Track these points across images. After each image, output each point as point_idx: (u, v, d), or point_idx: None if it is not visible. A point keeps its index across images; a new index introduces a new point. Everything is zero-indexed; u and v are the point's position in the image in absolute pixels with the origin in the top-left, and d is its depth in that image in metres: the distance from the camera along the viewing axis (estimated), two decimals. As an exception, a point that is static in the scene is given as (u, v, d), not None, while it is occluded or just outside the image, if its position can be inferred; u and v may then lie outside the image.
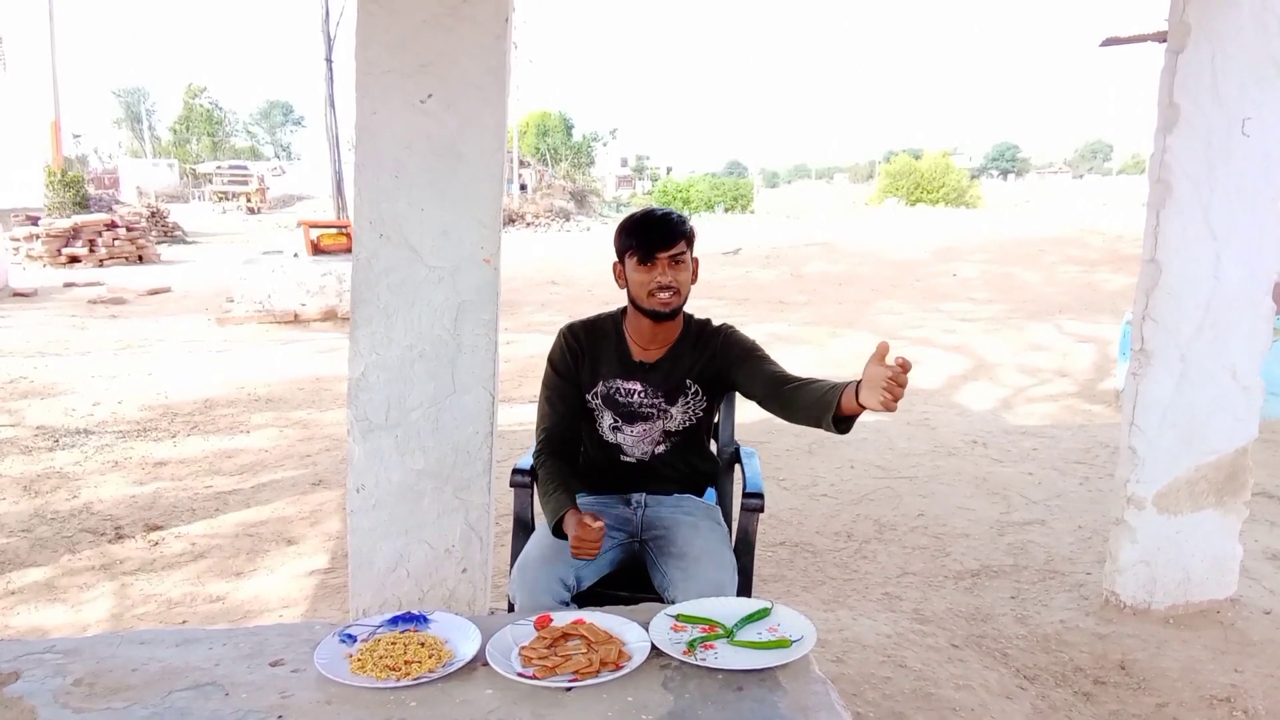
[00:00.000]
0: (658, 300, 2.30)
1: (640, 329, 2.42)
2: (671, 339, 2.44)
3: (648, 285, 2.30)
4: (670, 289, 2.29)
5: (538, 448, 2.46)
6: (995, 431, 6.11)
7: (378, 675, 1.62)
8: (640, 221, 2.34)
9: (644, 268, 2.30)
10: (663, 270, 2.29)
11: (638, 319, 2.40)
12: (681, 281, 2.32)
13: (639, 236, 2.30)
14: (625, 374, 2.43)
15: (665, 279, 2.29)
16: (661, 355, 2.43)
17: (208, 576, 3.81)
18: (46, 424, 6.16)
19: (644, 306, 2.34)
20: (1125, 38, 7.35)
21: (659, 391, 2.42)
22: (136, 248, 18.16)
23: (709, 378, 2.44)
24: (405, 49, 2.38)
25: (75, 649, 1.74)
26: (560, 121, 47.05)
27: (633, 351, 2.44)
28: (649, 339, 2.42)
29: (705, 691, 1.59)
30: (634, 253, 2.30)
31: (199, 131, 51.52)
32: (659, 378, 2.42)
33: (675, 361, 2.43)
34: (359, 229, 2.47)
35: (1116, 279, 13.83)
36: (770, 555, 3.98)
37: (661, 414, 2.42)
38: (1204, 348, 3.22)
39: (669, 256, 2.28)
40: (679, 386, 2.43)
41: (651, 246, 2.28)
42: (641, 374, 2.43)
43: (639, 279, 2.32)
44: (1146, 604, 3.37)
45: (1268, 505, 4.50)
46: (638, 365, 2.43)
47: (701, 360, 2.43)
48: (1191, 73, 3.06)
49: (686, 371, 2.43)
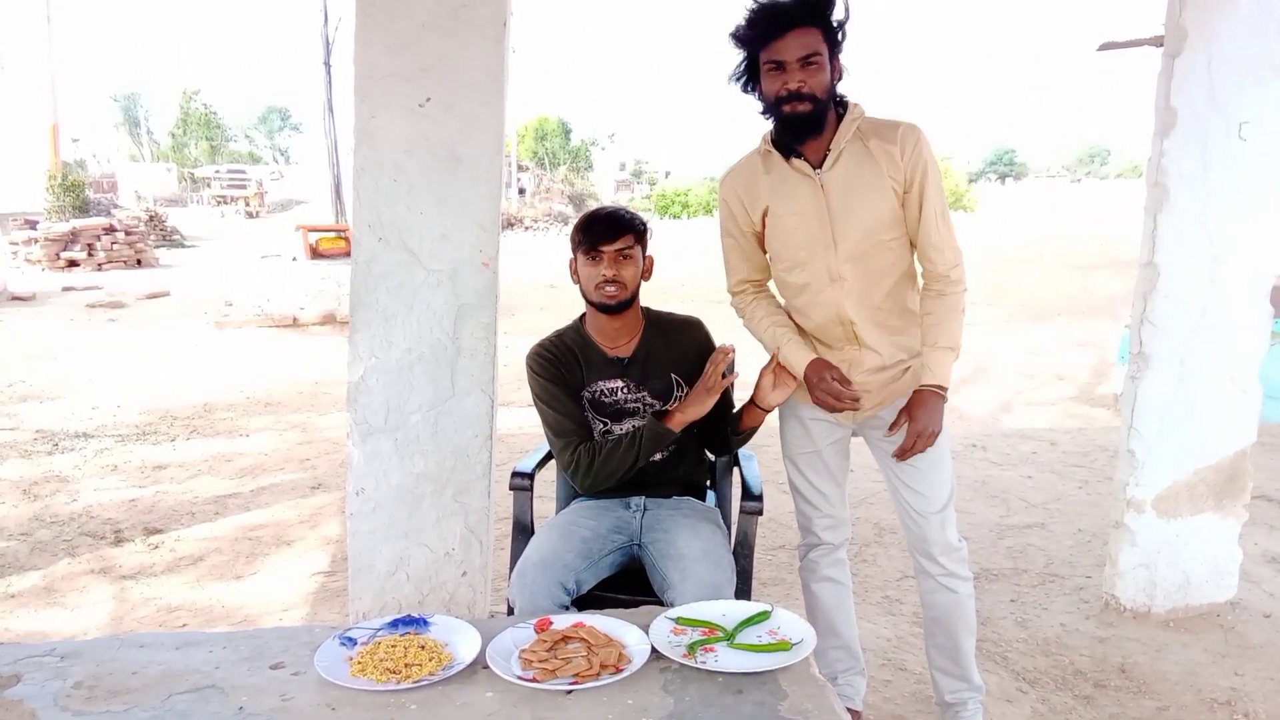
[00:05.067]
0: (603, 294, 2.34)
1: (601, 327, 2.45)
2: (637, 331, 2.47)
3: (594, 279, 2.34)
4: (615, 283, 2.33)
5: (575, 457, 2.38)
6: (994, 435, 6.12)
7: (378, 678, 1.62)
8: (589, 218, 2.39)
9: (590, 261, 2.35)
10: (608, 264, 2.32)
11: (595, 316, 2.44)
12: (627, 277, 2.34)
13: (586, 231, 2.35)
14: (604, 374, 2.44)
15: (609, 272, 2.32)
16: (633, 348, 2.46)
17: (207, 580, 3.81)
18: (46, 428, 6.16)
19: (591, 299, 2.39)
20: (1122, 42, 7.35)
21: (640, 386, 2.44)
22: (135, 252, 18.17)
23: (694, 378, 2.44)
24: (404, 52, 2.39)
25: (75, 652, 1.74)
26: (559, 126, 47.08)
27: (604, 350, 2.46)
28: (613, 335, 2.45)
29: (705, 694, 1.58)
30: (582, 247, 2.35)
31: (197, 136, 51.51)
32: (637, 370, 2.44)
33: (649, 352, 2.45)
34: (358, 232, 2.47)
35: (1114, 283, 13.85)
36: (770, 559, 3.98)
37: (649, 409, 2.43)
38: (1202, 351, 3.22)
39: (615, 251, 2.32)
40: (668, 386, 2.44)
41: (596, 240, 2.32)
42: (620, 370, 2.44)
43: (586, 273, 2.37)
44: (1146, 607, 3.37)
45: (1267, 509, 4.50)
46: (614, 361, 2.45)
47: (682, 356, 2.47)
48: (1188, 77, 3.06)
49: (668, 366, 2.45)
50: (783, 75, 2.10)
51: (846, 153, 2.21)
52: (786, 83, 2.09)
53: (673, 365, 2.46)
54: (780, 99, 2.12)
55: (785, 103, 2.11)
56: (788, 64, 2.09)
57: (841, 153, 2.20)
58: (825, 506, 2.56)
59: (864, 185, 2.20)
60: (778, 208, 2.29)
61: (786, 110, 2.12)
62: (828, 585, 2.61)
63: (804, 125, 2.15)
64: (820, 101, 2.12)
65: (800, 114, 2.11)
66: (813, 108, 2.11)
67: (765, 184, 2.30)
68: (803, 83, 2.08)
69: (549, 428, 2.45)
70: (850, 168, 2.21)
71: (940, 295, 2.30)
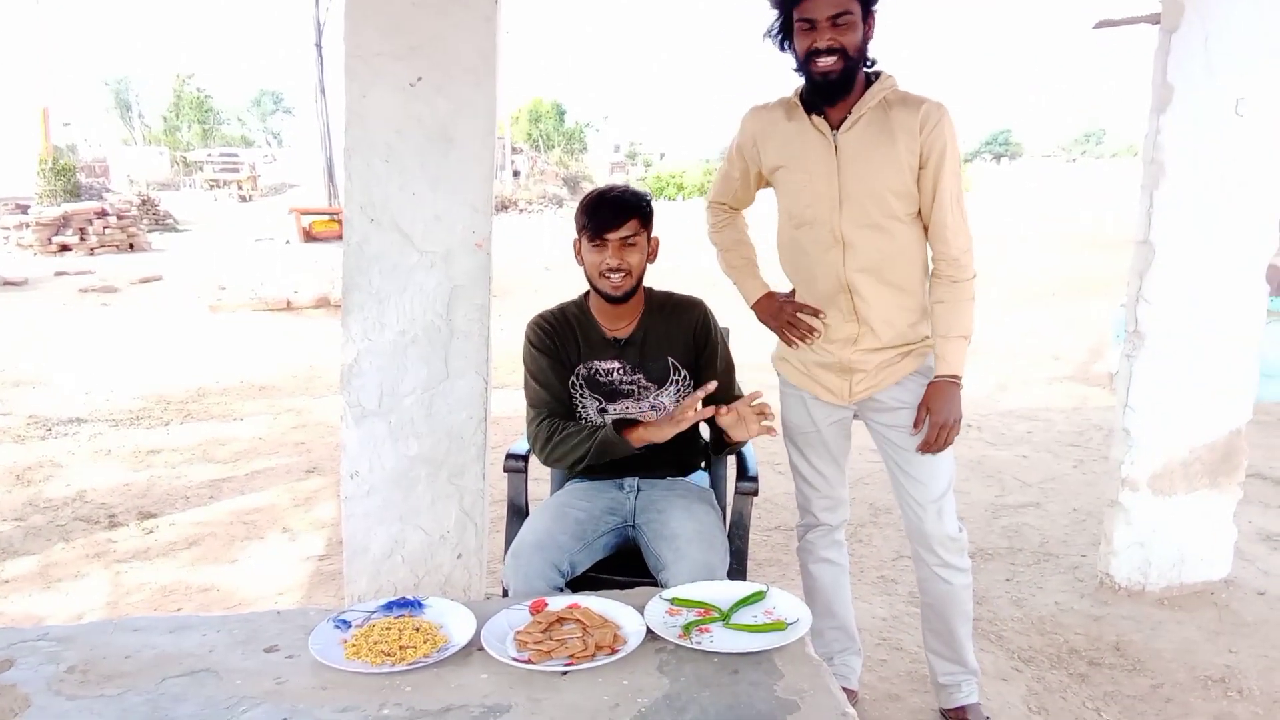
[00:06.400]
0: (608, 283, 2.31)
1: (602, 307, 2.42)
2: (637, 313, 2.44)
3: (598, 266, 2.31)
4: (619, 271, 2.29)
5: (539, 429, 2.39)
6: (989, 415, 6.12)
7: (373, 660, 1.62)
8: (594, 200, 2.34)
9: (594, 248, 2.31)
10: (613, 252, 2.28)
11: (597, 298, 2.41)
12: (632, 264, 2.31)
13: (590, 216, 2.30)
14: (602, 354, 2.42)
15: (614, 261, 2.28)
16: (632, 330, 2.43)
17: (201, 564, 3.81)
18: (38, 413, 6.13)
19: (595, 286, 2.36)
20: (1118, 20, 7.31)
21: (636, 368, 2.42)
22: (127, 236, 18.04)
23: (690, 360, 2.44)
24: (395, 31, 2.36)
25: (69, 636, 1.73)
26: (553, 108, 46.83)
27: (604, 330, 2.44)
28: (614, 315, 2.42)
29: (701, 674, 1.58)
30: (586, 233, 2.31)
31: (189, 119, 51.19)
32: (634, 353, 2.42)
33: (646, 334, 2.43)
34: (349, 214, 2.45)
35: (1110, 262, 13.83)
36: (765, 539, 3.98)
37: (643, 391, 2.42)
38: (1198, 329, 3.21)
39: (619, 238, 2.28)
40: (665, 368, 2.42)
41: (600, 228, 2.28)
42: (617, 350, 2.42)
43: (591, 259, 2.33)
44: (1141, 585, 3.38)
45: (1262, 487, 4.51)
46: (612, 342, 2.43)
47: (680, 337, 2.44)
48: (1185, 52, 3.04)
49: (665, 348, 2.43)
50: (813, 33, 2.12)
51: (867, 118, 2.22)
52: (816, 40, 2.12)
53: (670, 347, 2.44)
54: (810, 54, 2.14)
55: (815, 57, 2.13)
56: (819, 22, 2.11)
57: (862, 117, 2.22)
58: (824, 488, 2.56)
59: (878, 151, 2.21)
60: (790, 163, 2.30)
61: (817, 66, 2.14)
62: (825, 566, 2.62)
63: (833, 85, 2.17)
64: (851, 59, 2.14)
65: (829, 70, 2.13)
66: (843, 65, 2.13)
67: (782, 134, 2.31)
68: (834, 40, 2.11)
69: (527, 395, 2.45)
70: (868, 132, 2.22)
71: (953, 282, 2.30)
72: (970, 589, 2.52)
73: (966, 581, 2.50)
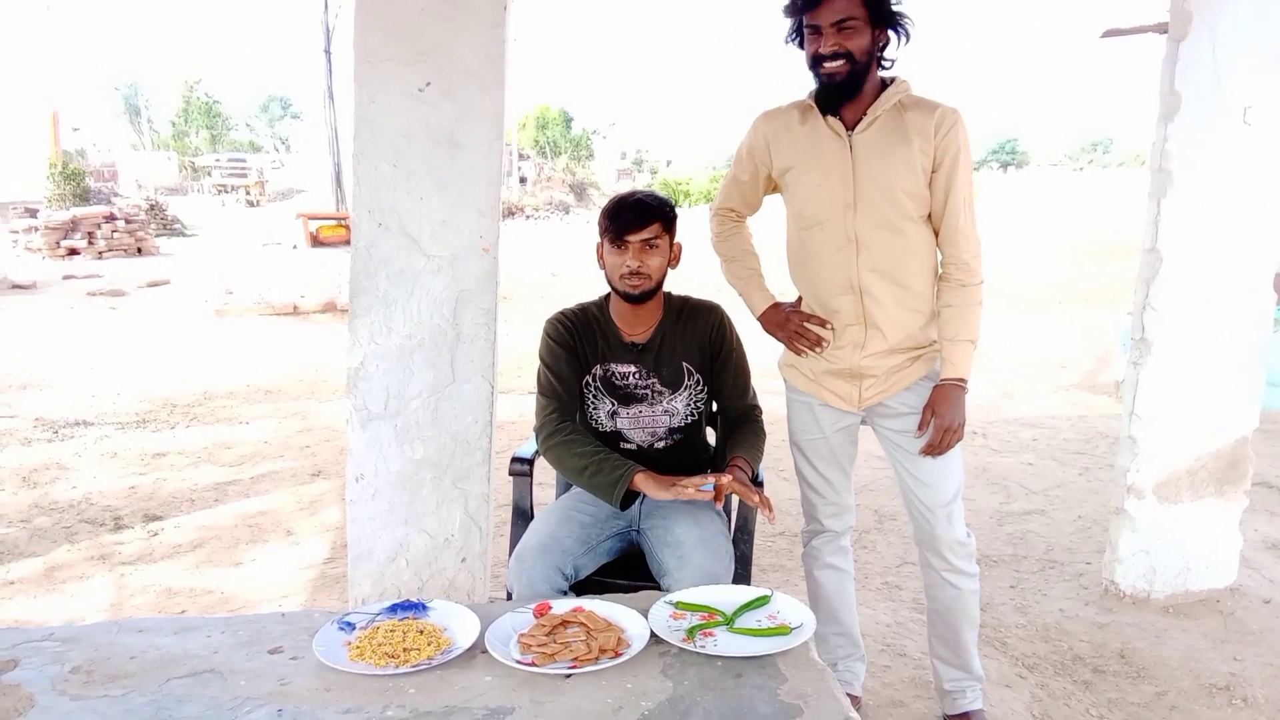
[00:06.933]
0: (628, 284, 2.32)
1: (622, 311, 2.43)
2: (656, 318, 2.44)
3: (619, 268, 2.32)
4: (640, 274, 2.31)
5: (549, 419, 2.37)
6: (995, 422, 6.12)
7: (377, 662, 1.62)
8: (617, 204, 2.35)
9: (616, 250, 2.32)
10: (633, 254, 2.29)
11: (618, 301, 2.42)
12: (653, 266, 2.32)
13: (612, 219, 2.32)
14: (620, 357, 2.43)
15: (634, 263, 2.30)
16: (650, 335, 2.43)
17: (206, 566, 3.81)
18: (45, 415, 6.16)
19: (616, 287, 2.37)
20: (1126, 29, 7.31)
21: (652, 373, 2.42)
22: (135, 240, 18.14)
23: (705, 365, 2.44)
24: (403, 37, 2.37)
25: (73, 637, 1.74)
26: (560, 115, 46.96)
27: (622, 333, 2.44)
28: (633, 320, 2.43)
29: (704, 678, 1.58)
30: (608, 234, 2.33)
31: (198, 124, 51.43)
32: (651, 358, 2.42)
33: (664, 340, 2.43)
34: (357, 218, 2.46)
35: (1116, 271, 13.81)
36: (770, 545, 3.98)
37: (657, 395, 2.42)
38: (1204, 337, 3.21)
39: (640, 241, 2.29)
40: (678, 373, 2.42)
41: (622, 230, 2.30)
42: (634, 355, 2.42)
43: (612, 261, 2.34)
44: (1146, 593, 3.37)
45: (1267, 495, 4.50)
46: (630, 346, 2.43)
47: (696, 342, 2.44)
48: (1193, 61, 3.05)
49: (681, 354, 2.43)
50: (819, 38, 2.18)
51: (882, 120, 2.25)
52: (822, 45, 2.18)
53: (684, 352, 2.44)
54: (816, 59, 2.20)
55: (821, 62, 2.19)
56: (824, 27, 2.17)
57: (877, 119, 2.25)
58: (830, 494, 2.56)
59: (894, 152, 2.24)
60: (803, 164, 2.33)
61: (822, 69, 2.20)
62: (830, 572, 2.62)
63: (840, 87, 2.22)
64: (856, 62, 2.18)
65: (835, 72, 2.18)
66: (849, 68, 2.18)
67: (796, 136, 2.34)
68: (838, 44, 2.16)
69: (539, 384, 2.45)
70: (883, 134, 2.25)
71: (961, 286, 2.31)
72: (978, 595, 2.52)
73: (974, 587, 2.50)
